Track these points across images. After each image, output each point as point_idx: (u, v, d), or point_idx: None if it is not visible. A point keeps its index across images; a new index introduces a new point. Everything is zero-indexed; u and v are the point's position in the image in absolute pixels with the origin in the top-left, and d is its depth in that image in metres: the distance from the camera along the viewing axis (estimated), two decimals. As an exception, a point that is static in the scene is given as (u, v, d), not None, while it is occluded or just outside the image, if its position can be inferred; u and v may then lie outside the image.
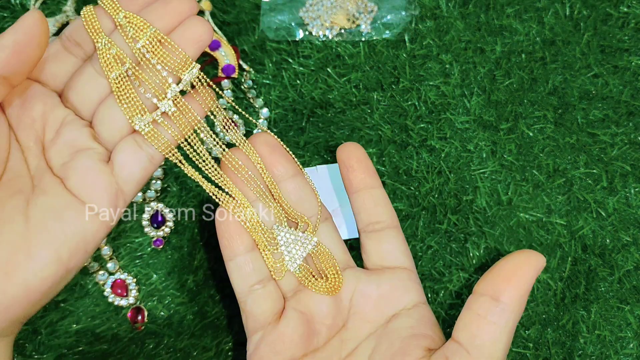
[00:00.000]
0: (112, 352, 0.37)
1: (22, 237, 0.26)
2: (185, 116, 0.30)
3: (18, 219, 0.27)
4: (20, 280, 0.26)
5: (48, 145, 0.29)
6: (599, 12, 0.43)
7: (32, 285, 0.26)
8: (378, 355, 0.29)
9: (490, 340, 0.26)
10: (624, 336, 0.38)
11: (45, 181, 0.28)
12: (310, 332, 0.30)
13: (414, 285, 0.31)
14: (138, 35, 0.29)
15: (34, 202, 0.27)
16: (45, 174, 0.28)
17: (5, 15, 0.43)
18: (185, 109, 0.30)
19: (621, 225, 0.39)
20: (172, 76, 0.30)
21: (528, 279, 0.27)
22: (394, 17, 0.43)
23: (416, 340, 0.28)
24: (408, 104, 0.41)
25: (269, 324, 0.31)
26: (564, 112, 0.42)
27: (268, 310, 0.31)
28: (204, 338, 0.37)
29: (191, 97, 0.31)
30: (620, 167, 0.40)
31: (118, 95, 0.29)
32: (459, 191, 0.40)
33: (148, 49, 0.29)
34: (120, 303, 0.37)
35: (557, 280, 0.38)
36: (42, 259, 0.26)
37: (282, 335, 0.30)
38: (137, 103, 0.29)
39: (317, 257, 0.32)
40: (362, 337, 0.30)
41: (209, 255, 0.39)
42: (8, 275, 0.26)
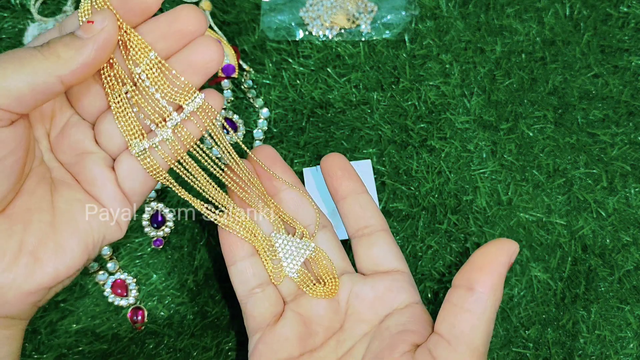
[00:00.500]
0: (112, 352, 0.37)
1: (50, 226, 0.27)
2: (183, 141, 0.29)
3: (46, 207, 0.27)
4: (51, 268, 0.26)
5: (54, 142, 0.29)
6: (599, 12, 0.43)
7: (61, 273, 0.27)
8: (370, 352, 0.30)
9: (468, 328, 0.27)
10: (624, 336, 0.38)
11: (62, 174, 0.29)
12: (307, 333, 0.31)
13: (408, 286, 0.32)
14: (138, 58, 0.27)
15: (59, 193, 0.28)
16: (60, 168, 0.29)
17: (5, 15, 0.42)
18: (184, 135, 0.29)
19: (621, 225, 0.39)
20: (172, 104, 0.28)
21: (501, 266, 0.27)
22: (394, 17, 0.43)
23: (404, 336, 0.29)
24: (408, 104, 0.41)
25: (268, 325, 0.31)
26: (564, 112, 0.41)
27: (267, 313, 0.31)
28: (204, 338, 0.37)
29: (191, 121, 0.29)
30: (620, 167, 0.40)
31: (117, 116, 0.28)
32: (459, 191, 0.40)
33: (148, 74, 0.28)
34: (120, 303, 0.37)
35: (557, 280, 0.38)
36: (72, 249, 0.27)
37: (279, 336, 0.31)
38: (135, 126, 0.28)
39: (315, 262, 0.32)
40: (358, 337, 0.31)
41: (209, 255, 0.39)
42: (39, 262, 0.26)
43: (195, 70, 0.28)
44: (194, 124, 0.29)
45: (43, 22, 0.42)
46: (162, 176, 0.29)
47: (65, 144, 0.29)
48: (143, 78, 0.28)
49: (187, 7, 0.27)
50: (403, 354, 0.28)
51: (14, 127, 0.25)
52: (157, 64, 0.27)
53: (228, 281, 0.32)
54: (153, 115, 0.28)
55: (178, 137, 0.29)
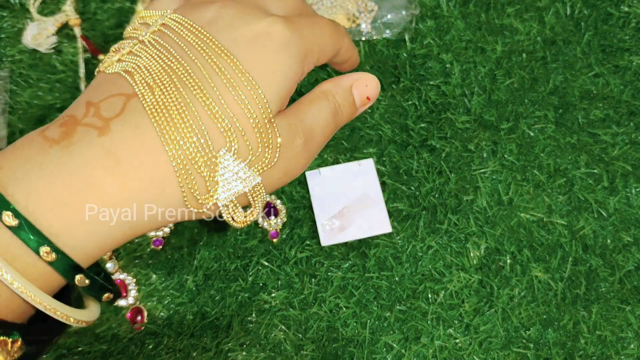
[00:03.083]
0: (111, 353, 0.37)
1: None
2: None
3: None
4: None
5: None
6: (600, 11, 0.43)
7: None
8: None
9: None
10: (624, 336, 0.37)
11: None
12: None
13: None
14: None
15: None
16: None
17: (4, 15, 0.42)
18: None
19: (622, 226, 0.39)
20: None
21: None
22: (394, 17, 0.43)
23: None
24: (408, 104, 0.41)
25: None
26: (565, 111, 0.41)
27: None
28: (203, 338, 0.37)
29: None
30: (621, 167, 0.40)
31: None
32: (459, 191, 0.40)
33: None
34: (119, 303, 0.37)
35: (558, 280, 0.38)
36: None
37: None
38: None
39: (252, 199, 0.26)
40: None
41: (208, 256, 0.39)
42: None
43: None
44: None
45: (42, 22, 0.42)
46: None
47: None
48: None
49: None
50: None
51: None
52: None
53: (228, 281, 0.32)
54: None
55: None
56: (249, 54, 0.25)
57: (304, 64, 0.27)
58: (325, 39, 0.28)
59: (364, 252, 0.39)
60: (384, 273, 0.38)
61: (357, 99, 0.29)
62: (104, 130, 0.23)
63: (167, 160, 0.23)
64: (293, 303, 0.38)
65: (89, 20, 0.43)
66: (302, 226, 0.39)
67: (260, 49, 0.25)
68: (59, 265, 0.22)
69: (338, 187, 0.39)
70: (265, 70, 0.25)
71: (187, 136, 0.23)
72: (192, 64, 0.25)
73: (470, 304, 0.38)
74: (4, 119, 0.40)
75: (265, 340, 0.37)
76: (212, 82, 0.24)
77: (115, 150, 0.23)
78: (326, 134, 0.28)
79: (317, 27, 0.28)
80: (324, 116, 0.27)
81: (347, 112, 0.29)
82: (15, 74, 0.41)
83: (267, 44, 0.25)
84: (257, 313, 0.38)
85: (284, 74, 0.25)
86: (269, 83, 0.25)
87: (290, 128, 0.26)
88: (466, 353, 0.37)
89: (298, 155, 0.26)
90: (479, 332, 0.37)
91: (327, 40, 0.28)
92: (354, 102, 0.29)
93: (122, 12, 0.43)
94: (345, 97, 0.28)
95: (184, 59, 0.25)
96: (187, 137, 0.23)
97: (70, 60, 0.42)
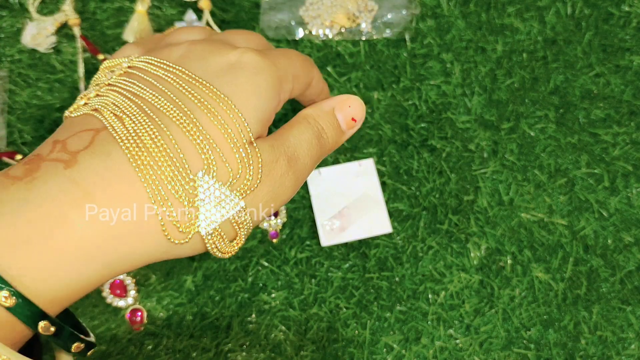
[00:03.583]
0: (111, 353, 0.37)
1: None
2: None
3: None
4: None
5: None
6: (601, 11, 0.43)
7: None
8: None
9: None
10: (625, 337, 0.37)
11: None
12: None
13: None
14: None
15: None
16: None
17: (3, 15, 0.42)
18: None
19: (623, 226, 0.39)
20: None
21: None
22: (394, 16, 0.43)
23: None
24: (409, 104, 0.41)
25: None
26: (566, 111, 0.41)
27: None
28: (203, 339, 0.37)
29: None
30: (622, 167, 0.40)
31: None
32: (460, 191, 0.40)
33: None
34: (118, 304, 0.37)
35: (559, 280, 0.38)
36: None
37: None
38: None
39: (238, 225, 0.25)
40: None
41: (208, 256, 0.39)
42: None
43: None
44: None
45: (41, 21, 0.42)
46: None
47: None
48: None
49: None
50: None
51: None
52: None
53: (228, 282, 0.32)
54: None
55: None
56: (223, 80, 0.24)
57: (279, 90, 0.26)
58: (297, 67, 0.27)
59: (364, 253, 0.39)
60: (384, 273, 0.38)
61: (342, 122, 0.28)
62: (71, 163, 0.21)
63: (141, 188, 0.21)
64: (293, 303, 0.38)
65: (88, 20, 0.43)
66: (302, 226, 0.39)
67: (234, 75, 0.24)
68: (19, 312, 0.19)
69: (338, 187, 0.39)
70: (241, 93, 0.24)
71: (162, 160, 0.21)
72: (163, 94, 0.23)
73: (471, 305, 0.38)
74: (3, 118, 0.40)
75: (265, 340, 0.37)
76: (187, 107, 0.23)
77: (83, 181, 0.20)
78: (312, 155, 0.26)
79: (287, 55, 0.27)
80: (306, 137, 0.26)
81: (332, 135, 0.27)
82: (15, 74, 0.41)
83: (240, 71, 0.24)
84: (257, 313, 0.38)
85: (260, 97, 0.24)
86: (246, 106, 0.24)
87: (272, 149, 0.25)
88: (466, 354, 0.37)
89: (283, 177, 0.25)
90: (480, 332, 0.37)
91: (299, 68, 0.28)
92: (339, 125, 0.28)
93: (121, 12, 0.43)
94: (328, 120, 0.27)
95: (155, 91, 0.23)
96: (162, 161, 0.21)
97: (70, 60, 0.42)
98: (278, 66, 0.26)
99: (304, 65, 0.28)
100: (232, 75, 0.24)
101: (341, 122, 0.28)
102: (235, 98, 0.24)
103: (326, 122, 0.27)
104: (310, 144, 0.26)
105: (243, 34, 0.29)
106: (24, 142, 0.40)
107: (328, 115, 0.28)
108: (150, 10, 0.43)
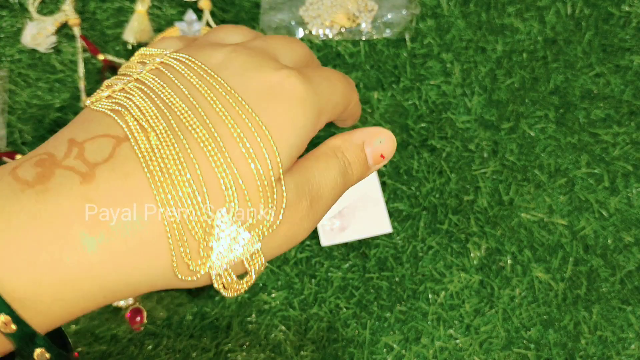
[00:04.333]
0: (111, 353, 0.37)
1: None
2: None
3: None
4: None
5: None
6: (601, 11, 0.43)
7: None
8: None
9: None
10: (625, 337, 0.37)
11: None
12: None
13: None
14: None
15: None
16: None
17: (3, 15, 0.42)
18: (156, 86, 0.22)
19: (623, 226, 0.39)
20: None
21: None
22: (394, 16, 0.43)
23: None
24: (409, 104, 0.41)
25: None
26: (566, 111, 0.41)
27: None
28: (203, 339, 0.37)
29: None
30: (622, 167, 0.40)
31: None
32: (460, 191, 0.40)
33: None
34: (119, 304, 0.37)
35: (559, 280, 0.38)
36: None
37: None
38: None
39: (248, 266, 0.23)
40: None
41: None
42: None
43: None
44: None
45: (41, 21, 0.42)
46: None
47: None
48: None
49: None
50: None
51: None
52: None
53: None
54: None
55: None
56: (261, 106, 0.22)
57: (317, 122, 0.24)
58: (338, 95, 0.26)
59: (364, 253, 0.39)
60: (384, 273, 0.38)
61: (370, 157, 0.26)
62: (88, 178, 0.19)
63: (159, 220, 0.20)
64: (293, 303, 0.38)
65: (88, 20, 0.43)
66: (302, 226, 0.39)
67: (274, 101, 0.22)
68: (16, 337, 0.18)
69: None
70: (278, 125, 0.22)
71: (184, 192, 0.20)
72: (194, 109, 0.21)
73: (471, 305, 0.38)
74: (3, 118, 0.40)
75: (265, 340, 0.37)
76: (217, 131, 0.21)
77: (99, 202, 0.19)
78: (334, 196, 0.25)
79: (331, 82, 0.25)
80: (332, 175, 0.24)
81: (358, 171, 0.26)
82: (15, 74, 0.41)
83: (281, 97, 0.23)
84: (257, 313, 0.38)
85: (298, 130, 0.23)
86: (282, 138, 0.22)
87: (297, 189, 0.23)
88: (467, 354, 0.37)
89: (303, 220, 0.23)
90: (480, 332, 0.37)
91: (339, 97, 0.26)
92: (366, 160, 0.26)
93: (121, 12, 0.43)
94: (356, 155, 0.25)
95: (186, 103, 0.22)
96: (184, 193, 0.20)
97: (70, 60, 0.42)
98: (320, 95, 0.24)
99: (344, 92, 0.26)
100: (271, 102, 0.22)
101: (369, 157, 0.26)
102: (272, 128, 0.22)
103: (354, 156, 0.25)
104: (335, 182, 0.25)
105: (289, 44, 0.26)
106: (24, 142, 0.40)
107: (357, 149, 0.26)
108: (150, 10, 0.43)
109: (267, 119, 0.22)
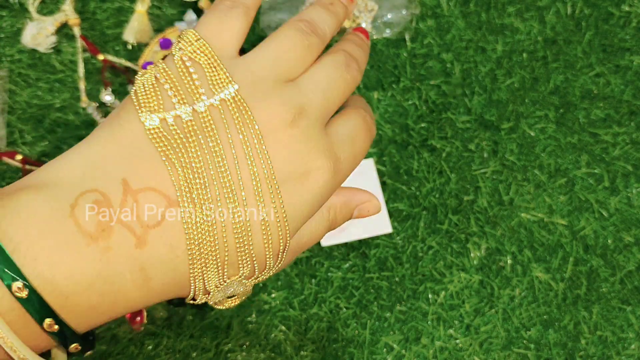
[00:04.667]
0: (111, 353, 0.37)
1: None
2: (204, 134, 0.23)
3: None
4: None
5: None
6: (601, 11, 0.43)
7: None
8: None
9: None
10: (625, 337, 0.37)
11: None
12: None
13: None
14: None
15: None
16: None
17: (3, 15, 0.42)
18: (208, 126, 0.23)
19: (623, 226, 0.39)
20: (206, 89, 0.24)
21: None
22: (394, 16, 0.43)
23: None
24: (409, 104, 0.41)
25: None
26: (566, 111, 0.41)
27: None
28: (203, 339, 0.37)
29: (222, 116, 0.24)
30: (622, 167, 0.40)
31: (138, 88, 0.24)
32: (460, 191, 0.40)
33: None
34: (119, 304, 0.37)
35: (559, 280, 0.38)
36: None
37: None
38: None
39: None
40: None
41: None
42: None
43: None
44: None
45: (41, 21, 0.42)
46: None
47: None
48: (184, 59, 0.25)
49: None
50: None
51: None
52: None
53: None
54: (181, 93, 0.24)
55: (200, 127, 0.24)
56: (287, 187, 0.24)
57: (329, 214, 0.28)
58: (359, 159, 0.28)
59: (364, 253, 0.39)
60: (384, 273, 0.38)
61: (354, 215, 0.29)
62: (141, 243, 0.22)
63: (189, 285, 0.24)
64: (293, 303, 0.38)
65: (88, 20, 0.43)
66: (302, 226, 0.39)
67: (301, 187, 0.25)
68: (29, 304, 0.21)
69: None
70: (296, 209, 0.25)
71: (210, 268, 0.23)
72: (235, 176, 0.23)
73: (471, 305, 0.38)
74: (3, 118, 0.40)
75: (265, 340, 0.37)
76: (247, 202, 0.23)
77: (148, 267, 0.22)
78: (313, 242, 0.28)
79: (355, 154, 0.27)
80: (321, 232, 0.28)
81: (341, 222, 0.29)
82: (15, 74, 0.41)
83: (308, 185, 0.25)
84: (257, 313, 0.38)
85: (314, 209, 0.26)
86: (295, 219, 0.25)
87: (291, 251, 0.26)
88: (466, 354, 0.37)
89: (290, 260, 0.27)
90: (480, 332, 0.37)
91: (360, 159, 0.28)
92: (351, 216, 0.29)
93: (121, 12, 0.43)
94: (344, 215, 0.28)
95: (231, 169, 0.23)
96: (211, 267, 0.23)
97: (70, 60, 0.42)
98: (343, 173, 0.27)
99: (365, 151, 0.29)
100: (299, 186, 0.24)
101: (353, 215, 0.29)
102: (291, 211, 0.24)
103: (342, 216, 0.28)
104: (319, 236, 0.28)
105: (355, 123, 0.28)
106: (24, 142, 0.40)
107: (350, 211, 0.29)
108: (150, 10, 0.43)
109: (289, 198, 0.24)
